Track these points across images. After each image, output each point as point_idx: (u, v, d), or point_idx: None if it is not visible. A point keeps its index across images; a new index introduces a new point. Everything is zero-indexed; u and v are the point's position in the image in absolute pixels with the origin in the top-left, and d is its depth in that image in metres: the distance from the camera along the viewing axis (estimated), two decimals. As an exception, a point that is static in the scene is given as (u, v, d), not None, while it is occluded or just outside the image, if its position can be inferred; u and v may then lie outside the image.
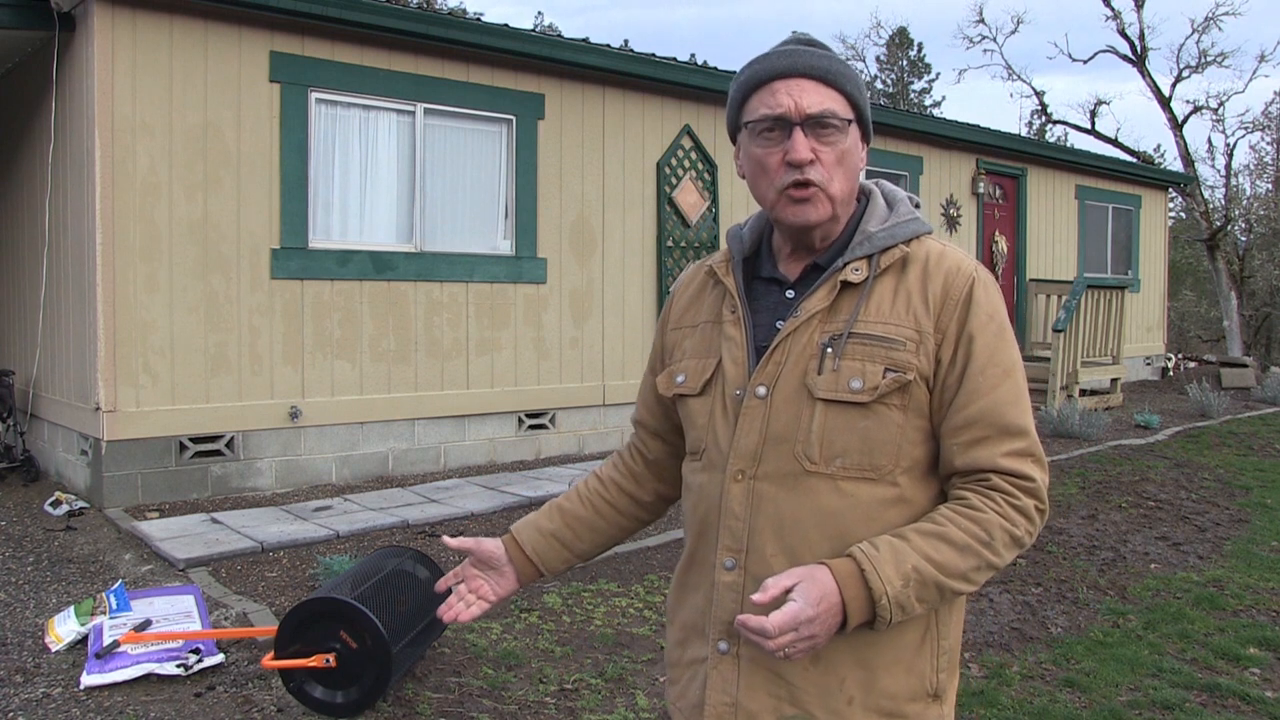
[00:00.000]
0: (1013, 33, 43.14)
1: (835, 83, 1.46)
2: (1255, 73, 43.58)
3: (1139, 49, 21.87)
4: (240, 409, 6.49)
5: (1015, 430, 1.41)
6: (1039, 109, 26.12)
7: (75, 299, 6.42)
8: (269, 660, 3.42)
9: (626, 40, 25.63)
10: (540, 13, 56.41)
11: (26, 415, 7.29)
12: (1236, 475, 7.63)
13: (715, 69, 8.86)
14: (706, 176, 8.97)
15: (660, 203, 8.66)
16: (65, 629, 4.14)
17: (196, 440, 6.35)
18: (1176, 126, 21.98)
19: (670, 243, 8.69)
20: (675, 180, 8.76)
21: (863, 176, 1.55)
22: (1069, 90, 52.92)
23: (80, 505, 6.12)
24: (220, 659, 3.85)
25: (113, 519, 5.84)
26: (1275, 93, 46.92)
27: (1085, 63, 29.98)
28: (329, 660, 3.35)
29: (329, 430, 6.87)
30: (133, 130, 6.09)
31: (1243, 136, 37.71)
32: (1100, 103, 25.11)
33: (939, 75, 40.76)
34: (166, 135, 6.21)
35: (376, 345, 7.07)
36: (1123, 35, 21.99)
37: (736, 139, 1.55)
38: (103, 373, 6.01)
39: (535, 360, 7.90)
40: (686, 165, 8.85)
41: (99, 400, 6.01)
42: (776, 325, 1.50)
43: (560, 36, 8.43)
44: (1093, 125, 24.43)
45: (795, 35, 1.52)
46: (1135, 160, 20.68)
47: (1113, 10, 21.89)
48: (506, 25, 7.58)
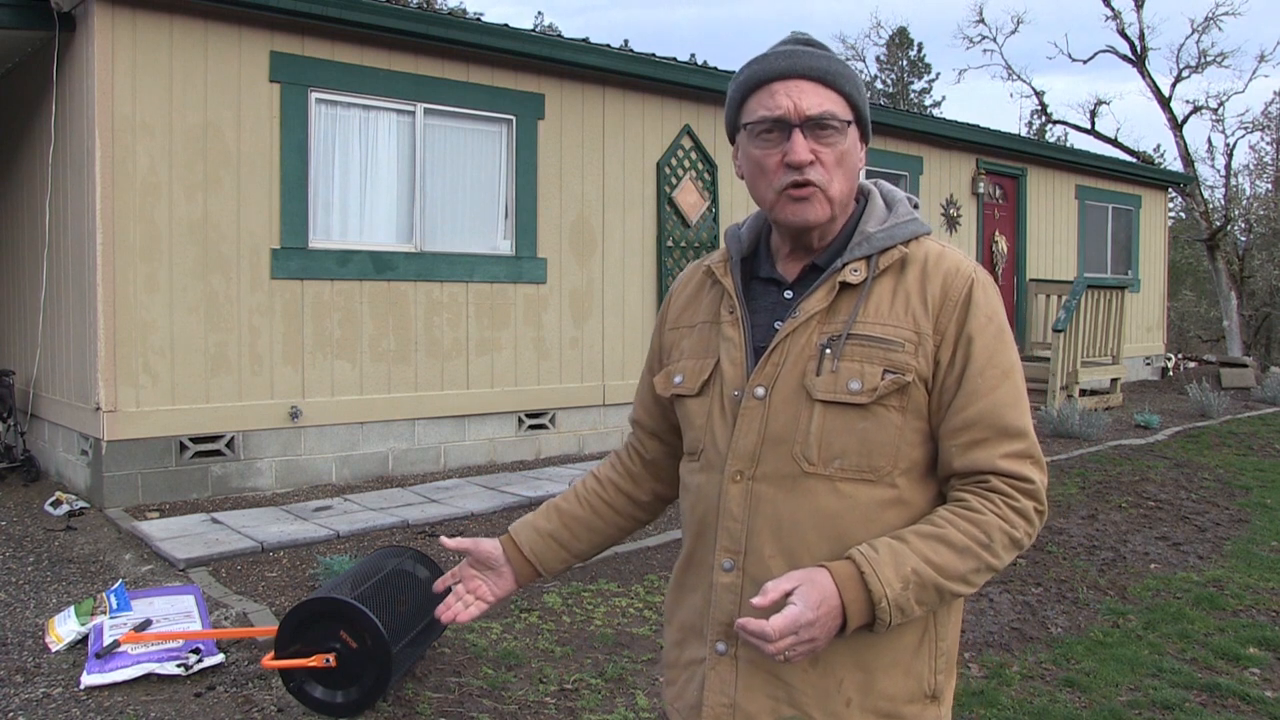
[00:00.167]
0: (1013, 33, 43.17)
1: (834, 84, 1.45)
2: (1255, 73, 43.68)
3: (1139, 49, 21.87)
4: (240, 409, 6.50)
5: (1014, 432, 1.41)
6: (1039, 109, 26.14)
7: (75, 299, 6.42)
8: (269, 660, 3.43)
9: (626, 40, 25.64)
10: (540, 13, 56.46)
11: (27, 415, 7.29)
12: (1236, 475, 7.63)
13: (715, 69, 8.86)
14: (706, 176, 8.97)
15: (660, 203, 8.66)
16: (65, 629, 4.14)
17: (197, 440, 6.35)
18: (1176, 126, 21.98)
19: (670, 243, 8.69)
20: (675, 180, 8.76)
21: (862, 176, 1.55)
22: (1069, 90, 53.02)
23: (80, 505, 6.12)
24: (220, 659, 3.85)
25: (113, 519, 5.84)
26: (1275, 93, 46.94)
27: (1085, 63, 30.04)
28: (329, 660, 3.35)
29: (329, 430, 6.87)
30: (133, 130, 6.09)
31: (1243, 136, 37.77)
32: (1100, 103, 25.13)
33: (939, 75, 40.81)
34: (166, 135, 6.22)
35: (376, 345, 7.07)
36: (1123, 35, 22.01)
37: (735, 139, 1.54)
38: (103, 373, 6.01)
39: (535, 360, 7.90)
40: (686, 165, 8.85)
41: (99, 400, 6.01)
42: (775, 326, 1.49)
43: (560, 36, 8.43)
44: (1093, 125, 24.45)
45: (794, 35, 1.50)
46: (1135, 160, 20.68)
47: (1113, 10, 21.90)
48: (506, 25, 7.58)
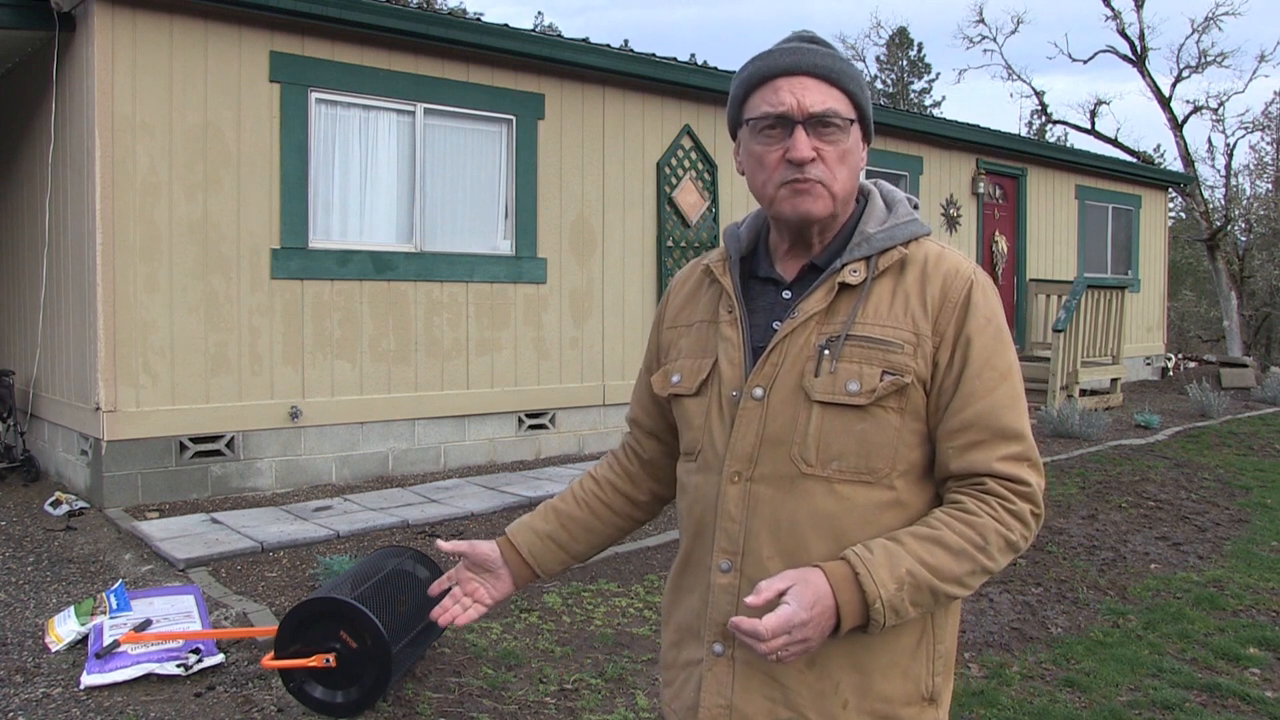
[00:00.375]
0: (1013, 33, 43.17)
1: (838, 82, 1.45)
2: (1255, 73, 43.61)
3: (1139, 49, 21.86)
4: (240, 409, 6.50)
5: (1011, 434, 1.41)
6: (1039, 109, 26.13)
7: (75, 299, 6.42)
8: (269, 660, 3.43)
9: (626, 40, 25.62)
10: (540, 13, 56.45)
11: (26, 415, 7.29)
12: (1236, 475, 7.63)
13: (715, 69, 8.86)
14: (706, 176, 8.97)
15: (660, 203, 8.66)
16: (65, 629, 4.14)
17: (196, 440, 6.35)
18: (1176, 126, 21.98)
19: (670, 243, 8.69)
20: (675, 180, 8.76)
21: (862, 176, 1.55)
22: (1069, 90, 53.01)
23: (80, 505, 6.12)
24: (220, 659, 3.85)
25: (113, 519, 5.84)
26: (1275, 93, 46.95)
27: (1085, 63, 30.00)
28: (329, 660, 3.35)
29: (329, 430, 6.87)
30: (133, 130, 6.09)
31: (1243, 136, 37.73)
32: (1100, 103, 25.13)
33: (939, 75, 40.79)
34: (166, 135, 6.22)
35: (376, 345, 7.07)
36: (1123, 35, 22.01)
37: (737, 135, 1.53)
38: (103, 373, 6.01)
39: (535, 360, 7.90)
40: (686, 165, 8.85)
41: (99, 400, 6.01)
42: (773, 326, 1.48)
43: (560, 36, 8.43)
44: (1093, 125, 24.45)
45: (799, 33, 1.50)
46: (1135, 160, 20.67)
47: (1113, 10, 21.90)
48: (506, 25, 7.58)
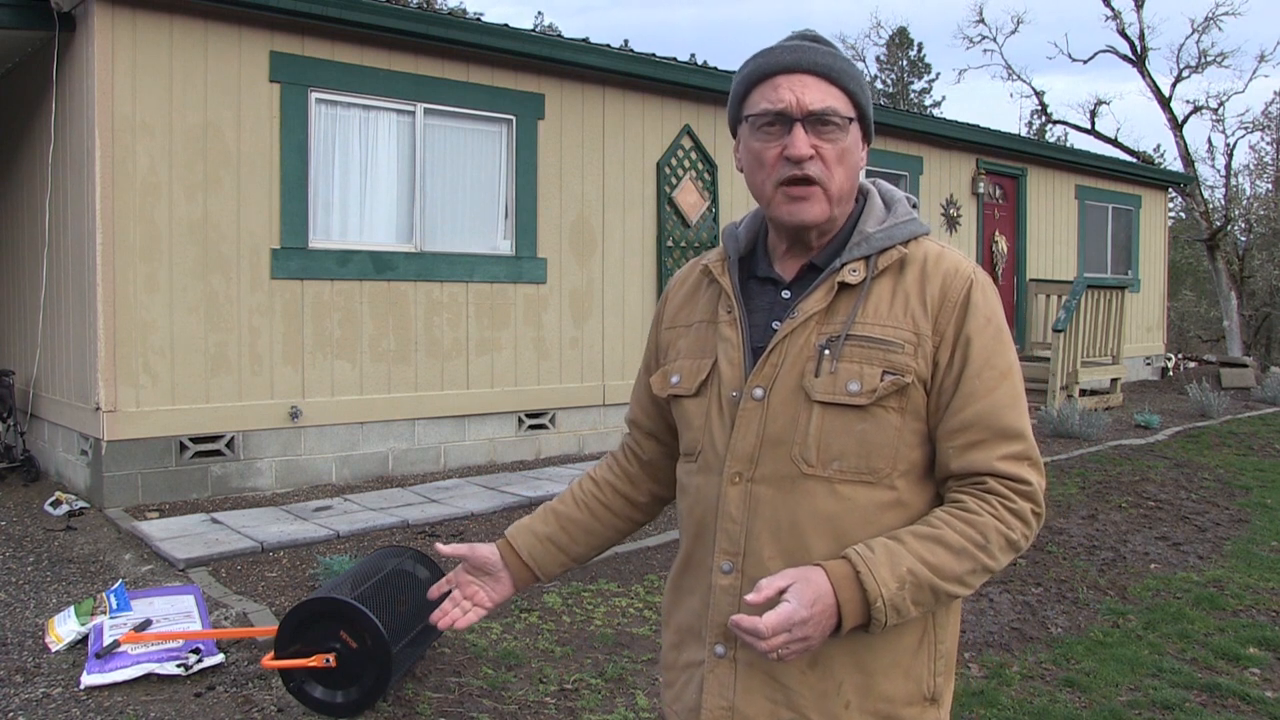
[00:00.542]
0: (1013, 33, 43.12)
1: (838, 80, 1.45)
2: (1255, 73, 43.61)
3: (1139, 49, 21.87)
4: (240, 409, 6.50)
5: (1012, 434, 1.41)
6: (1039, 109, 26.13)
7: (75, 299, 6.42)
8: (269, 660, 3.43)
9: (626, 40, 25.63)
10: (540, 13, 56.44)
11: (26, 415, 7.29)
12: (1236, 475, 7.63)
13: (715, 69, 8.86)
14: (706, 176, 8.97)
15: (660, 203, 8.66)
16: (65, 629, 4.14)
17: (196, 440, 6.35)
18: (1176, 126, 21.98)
19: (670, 243, 8.69)
20: (675, 180, 8.76)
21: (862, 175, 1.55)
22: (1069, 90, 53.00)
23: (80, 505, 6.12)
24: (220, 659, 3.85)
25: (113, 519, 5.84)
26: (1275, 93, 46.94)
27: (1085, 63, 30.02)
28: (329, 660, 3.35)
29: (329, 430, 6.87)
30: (133, 130, 6.09)
31: (1243, 136, 37.74)
32: (1100, 103, 25.13)
33: (939, 75, 40.79)
34: (166, 135, 6.22)
35: (376, 345, 7.07)
36: (1123, 35, 22.01)
37: (737, 132, 1.53)
38: (103, 373, 6.01)
39: (535, 360, 7.90)
40: (686, 165, 8.85)
41: (99, 400, 6.01)
42: (773, 326, 1.48)
43: (560, 36, 8.43)
44: (1093, 125, 24.45)
45: (801, 32, 1.50)
46: (1135, 160, 20.67)
47: (1113, 10, 21.90)
48: (506, 25, 7.58)
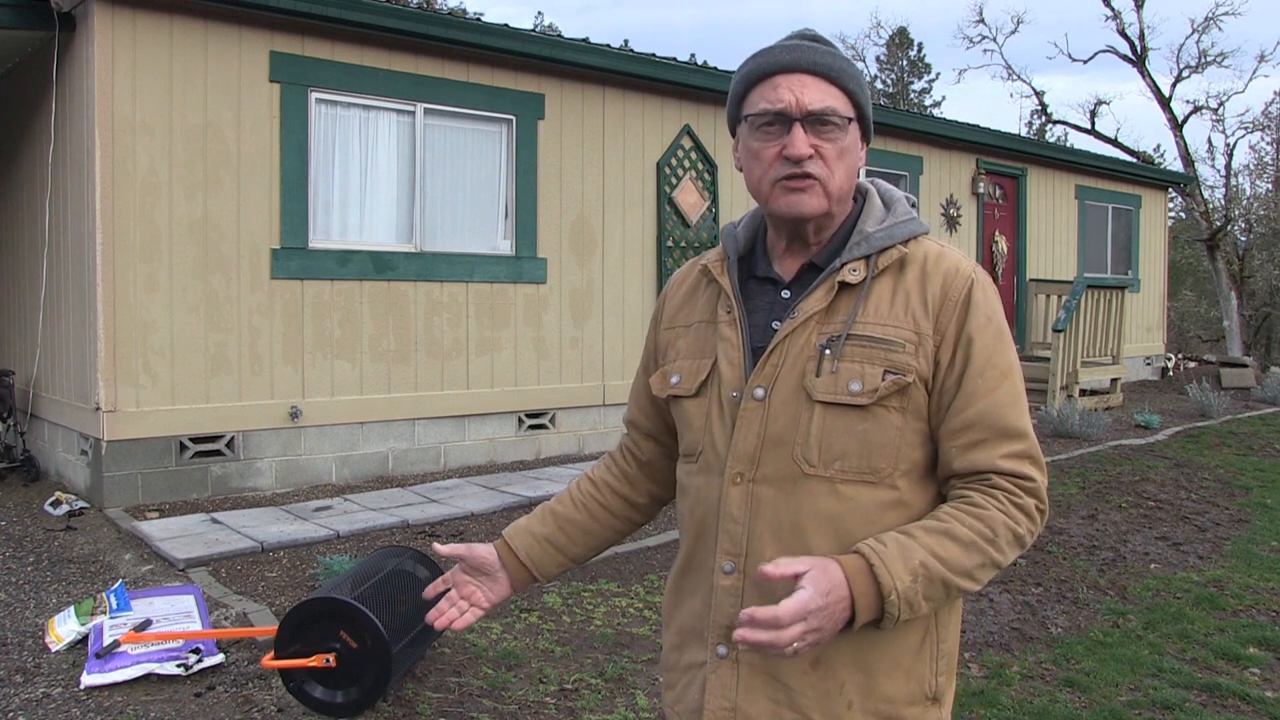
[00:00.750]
0: (1013, 33, 43.12)
1: (838, 80, 1.45)
2: (1255, 73, 43.55)
3: (1139, 49, 21.87)
4: (240, 409, 6.50)
5: (1014, 433, 1.40)
6: (1039, 109, 26.14)
7: (75, 299, 6.42)
8: (269, 660, 3.43)
9: (626, 40, 25.63)
10: (540, 13, 56.42)
11: (26, 415, 7.29)
12: (1236, 475, 7.63)
13: (715, 69, 8.86)
14: (706, 176, 8.97)
15: (660, 203, 8.66)
16: (65, 629, 4.14)
17: (196, 440, 6.35)
18: (1176, 126, 21.98)
19: (670, 243, 8.69)
20: (675, 180, 8.76)
21: (862, 175, 1.55)
22: (1069, 90, 53.00)
23: (80, 505, 6.12)
24: (220, 659, 3.85)
25: (113, 519, 5.84)
26: (1275, 93, 46.93)
27: (1085, 63, 30.02)
28: (329, 660, 3.35)
29: (329, 430, 6.87)
30: (133, 130, 6.09)
31: (1243, 136, 37.75)
32: (1100, 103, 25.13)
33: (939, 75, 40.79)
34: (166, 135, 6.21)
35: (376, 345, 7.07)
36: (1123, 35, 22.01)
37: (736, 132, 1.53)
38: (103, 373, 6.01)
39: (535, 360, 7.90)
40: (686, 165, 8.85)
41: (99, 400, 6.01)
42: (773, 326, 1.48)
43: (560, 36, 8.43)
44: (1093, 125, 24.45)
45: (801, 31, 1.50)
46: (1135, 160, 20.68)
47: (1113, 10, 21.91)
48: (506, 25, 7.58)
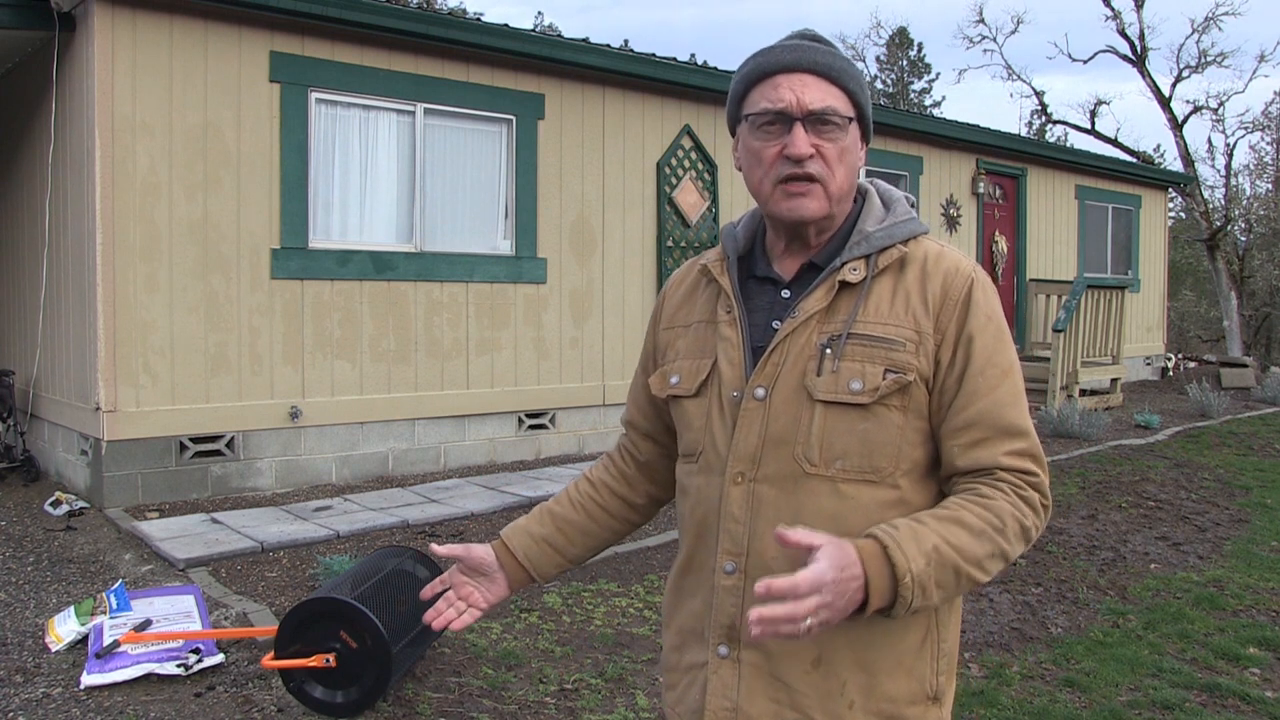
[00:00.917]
0: (1013, 33, 43.12)
1: (838, 80, 1.45)
2: (1255, 73, 43.56)
3: (1139, 49, 21.87)
4: (240, 409, 6.50)
5: (1015, 431, 1.40)
6: (1039, 109, 26.14)
7: (75, 299, 6.42)
8: (269, 660, 3.43)
9: (626, 40, 25.63)
10: (540, 13, 56.42)
11: (26, 415, 7.29)
12: (1236, 475, 7.63)
13: (715, 69, 8.86)
14: (706, 176, 8.97)
15: (660, 203, 8.66)
16: (65, 629, 4.14)
17: (196, 440, 6.35)
18: (1176, 126, 21.98)
19: (670, 243, 8.69)
20: (675, 180, 8.76)
21: (862, 175, 1.55)
22: (1069, 90, 52.99)
23: (80, 505, 6.12)
24: (220, 659, 3.85)
25: (113, 519, 5.84)
26: (1275, 93, 46.94)
27: (1085, 63, 30.01)
28: (329, 660, 3.35)
29: (329, 430, 6.87)
30: (133, 130, 6.09)
31: (1243, 136, 37.75)
32: (1100, 103, 25.13)
33: (939, 75, 40.80)
34: (166, 135, 6.21)
35: (376, 345, 7.07)
36: (1123, 35, 22.01)
37: (735, 131, 1.53)
38: (103, 373, 6.01)
39: (535, 360, 7.90)
40: (686, 165, 8.85)
41: (99, 400, 6.01)
42: (773, 325, 1.48)
43: (560, 36, 8.43)
44: (1093, 125, 24.45)
45: (801, 31, 1.50)
46: (1135, 160, 20.68)
47: (1113, 10, 21.91)
48: (506, 25, 7.58)
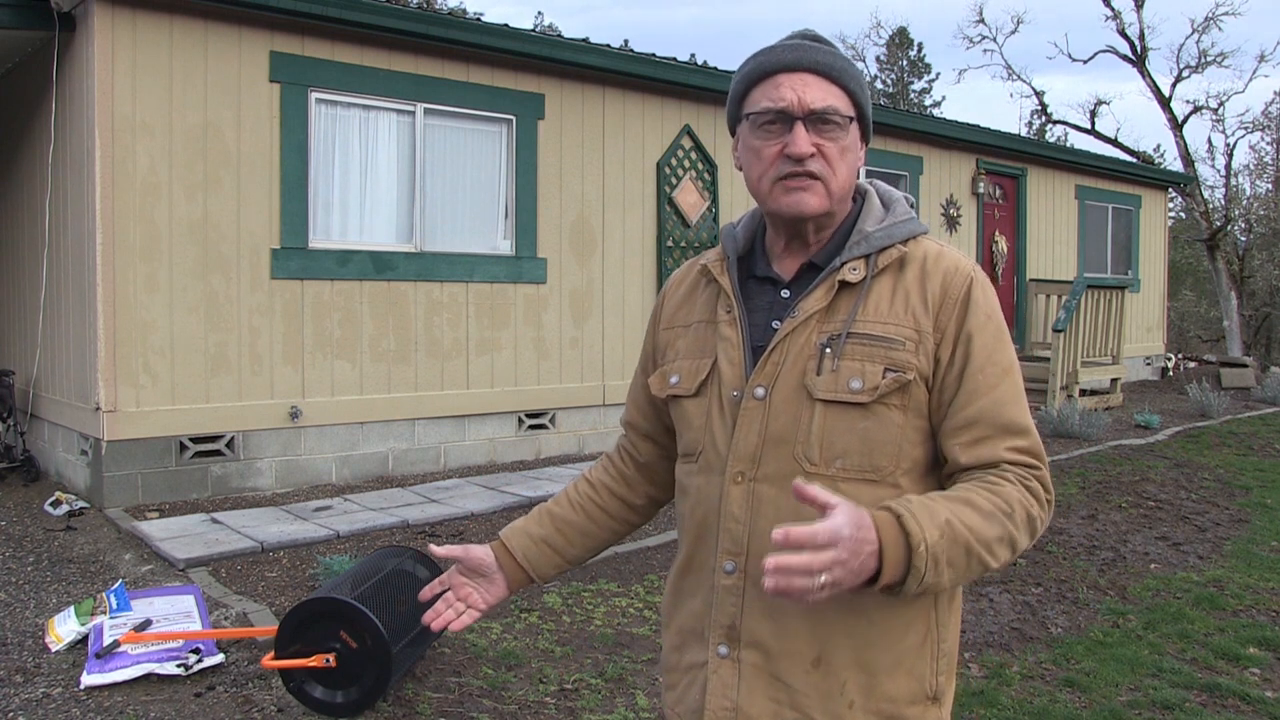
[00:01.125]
0: (1013, 33, 43.18)
1: (839, 80, 1.45)
2: (1255, 73, 43.64)
3: (1139, 49, 21.87)
4: (240, 409, 6.49)
5: (1017, 429, 1.40)
6: (1039, 109, 26.15)
7: (75, 299, 6.42)
8: (269, 660, 3.43)
9: (626, 40, 25.64)
10: (540, 13, 56.42)
11: (26, 415, 7.29)
12: (1236, 475, 7.63)
13: (715, 69, 8.86)
14: (706, 176, 8.97)
15: (660, 203, 8.66)
16: (65, 629, 4.14)
17: (196, 440, 6.35)
18: (1176, 126, 21.98)
19: (670, 243, 8.69)
20: (675, 180, 8.76)
21: (862, 175, 1.55)
22: (1069, 90, 53.00)
23: (80, 505, 6.12)
24: (220, 659, 3.85)
25: (113, 519, 5.84)
26: (1275, 93, 46.97)
27: (1085, 63, 29.97)
28: (329, 660, 3.35)
29: (329, 430, 6.87)
30: (133, 130, 6.09)
31: (1243, 136, 37.78)
32: (1100, 103, 25.13)
33: (939, 75, 40.82)
34: (166, 135, 6.21)
35: (376, 345, 7.07)
36: (1123, 35, 22.01)
37: (736, 131, 1.53)
38: (103, 373, 6.01)
39: (535, 360, 7.90)
40: (686, 165, 8.85)
41: (99, 400, 6.01)
42: (772, 325, 1.48)
43: (560, 36, 8.43)
44: (1093, 125, 24.46)
45: (801, 31, 1.50)
46: (1135, 160, 20.68)
47: (1113, 10, 21.91)
48: (506, 25, 7.58)
